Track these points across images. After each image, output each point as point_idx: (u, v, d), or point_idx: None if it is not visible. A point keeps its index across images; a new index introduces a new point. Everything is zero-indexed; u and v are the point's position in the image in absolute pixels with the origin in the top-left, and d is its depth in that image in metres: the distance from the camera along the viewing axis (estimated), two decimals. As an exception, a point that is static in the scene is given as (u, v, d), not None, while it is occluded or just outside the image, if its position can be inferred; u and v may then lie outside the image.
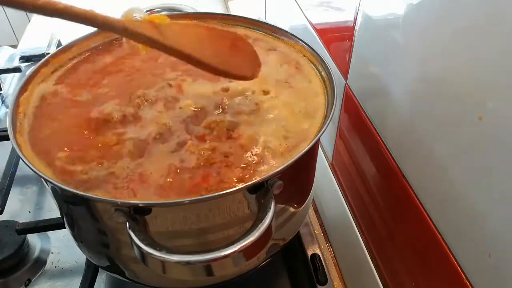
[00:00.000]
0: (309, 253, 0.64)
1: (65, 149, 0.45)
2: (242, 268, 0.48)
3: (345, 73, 0.57)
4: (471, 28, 0.32)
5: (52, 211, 0.71)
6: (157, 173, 0.42)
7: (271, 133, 0.45)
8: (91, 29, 0.61)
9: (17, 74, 1.02)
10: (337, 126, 0.63)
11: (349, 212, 0.61)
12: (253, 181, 0.37)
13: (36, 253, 0.64)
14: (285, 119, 0.47)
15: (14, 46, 1.14)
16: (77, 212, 0.45)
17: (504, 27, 0.28)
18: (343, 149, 0.62)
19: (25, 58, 1.06)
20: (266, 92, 0.51)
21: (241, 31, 0.62)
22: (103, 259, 0.48)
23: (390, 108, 0.46)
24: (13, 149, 0.70)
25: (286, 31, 0.60)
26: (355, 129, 0.57)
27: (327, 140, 0.69)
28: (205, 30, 0.46)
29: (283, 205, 0.46)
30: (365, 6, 0.50)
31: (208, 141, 0.45)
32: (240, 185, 0.38)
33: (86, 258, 0.58)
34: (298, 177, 0.47)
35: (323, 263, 0.63)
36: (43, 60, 0.55)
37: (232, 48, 0.46)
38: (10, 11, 2.38)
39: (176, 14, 0.67)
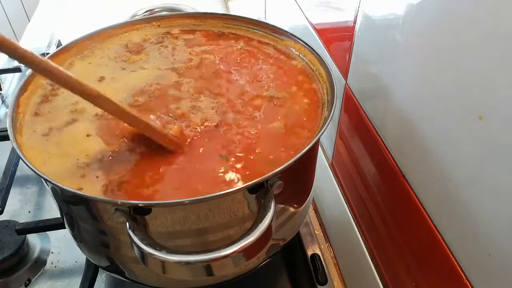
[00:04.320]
0: (309, 253, 0.64)
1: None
2: (242, 268, 0.48)
3: (345, 73, 0.57)
4: (471, 27, 0.32)
5: (52, 211, 0.71)
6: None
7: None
8: (91, 29, 0.61)
9: (17, 74, 1.02)
10: (337, 126, 0.63)
11: (349, 212, 0.61)
12: (253, 181, 0.37)
13: (36, 253, 0.64)
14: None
15: (14, 46, 1.14)
16: (77, 212, 0.45)
17: (504, 26, 0.28)
18: (343, 149, 0.62)
19: (25, 58, 1.06)
20: None
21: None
22: (103, 259, 0.48)
23: (390, 108, 0.46)
24: (13, 149, 0.70)
25: (286, 31, 0.60)
26: (355, 129, 0.57)
27: (327, 140, 0.69)
28: None
29: (283, 205, 0.46)
30: (365, 6, 0.50)
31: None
32: (240, 185, 0.38)
33: (86, 258, 0.58)
34: (298, 177, 0.47)
35: (323, 263, 0.63)
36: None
37: None
38: (10, 11, 2.38)
39: (177, 14, 0.67)
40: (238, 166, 0.42)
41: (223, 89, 0.53)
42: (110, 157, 0.43)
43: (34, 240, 0.65)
